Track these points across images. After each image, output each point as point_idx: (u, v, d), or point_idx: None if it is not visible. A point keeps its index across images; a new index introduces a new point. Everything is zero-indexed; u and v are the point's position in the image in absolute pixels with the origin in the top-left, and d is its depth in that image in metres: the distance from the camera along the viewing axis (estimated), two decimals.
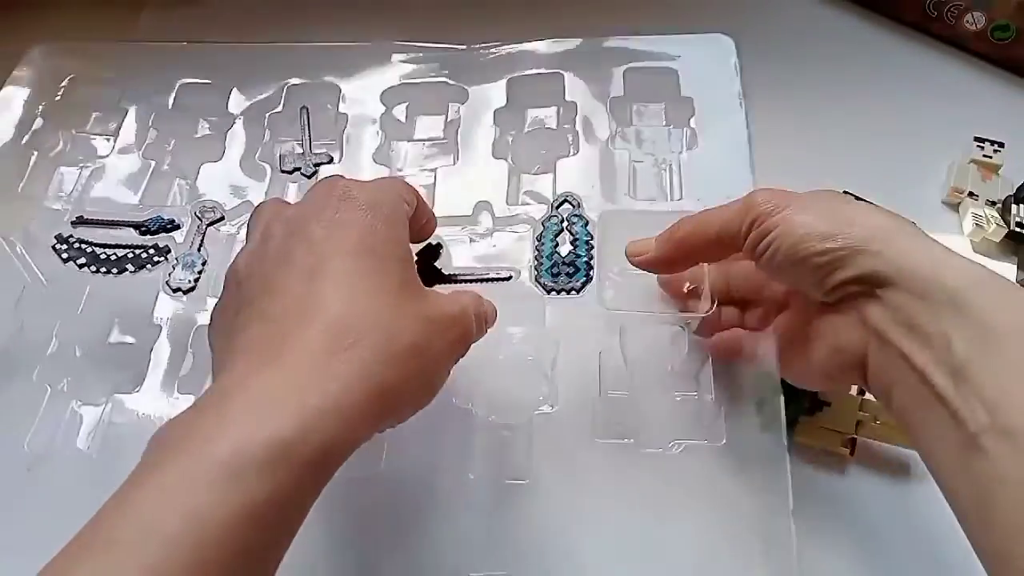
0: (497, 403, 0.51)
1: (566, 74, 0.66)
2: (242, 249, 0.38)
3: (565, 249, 0.55)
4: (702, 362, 0.51)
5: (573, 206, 0.57)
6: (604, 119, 0.64)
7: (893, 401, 0.38)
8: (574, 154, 0.62)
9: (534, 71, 0.66)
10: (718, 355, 0.51)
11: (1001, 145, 0.68)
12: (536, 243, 0.56)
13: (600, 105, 0.64)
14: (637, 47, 0.68)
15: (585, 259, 0.55)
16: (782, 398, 0.48)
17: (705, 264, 0.48)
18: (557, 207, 0.58)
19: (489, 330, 0.43)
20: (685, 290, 0.49)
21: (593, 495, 0.47)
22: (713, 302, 0.47)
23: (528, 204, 0.59)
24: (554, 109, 0.65)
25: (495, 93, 0.66)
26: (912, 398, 0.36)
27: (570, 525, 0.46)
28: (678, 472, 0.47)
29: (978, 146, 0.68)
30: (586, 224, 0.56)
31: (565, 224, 0.56)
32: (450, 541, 0.46)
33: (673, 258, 0.45)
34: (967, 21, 0.77)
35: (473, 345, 0.41)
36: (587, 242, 0.55)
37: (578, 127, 0.63)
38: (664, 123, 0.64)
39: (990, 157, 0.68)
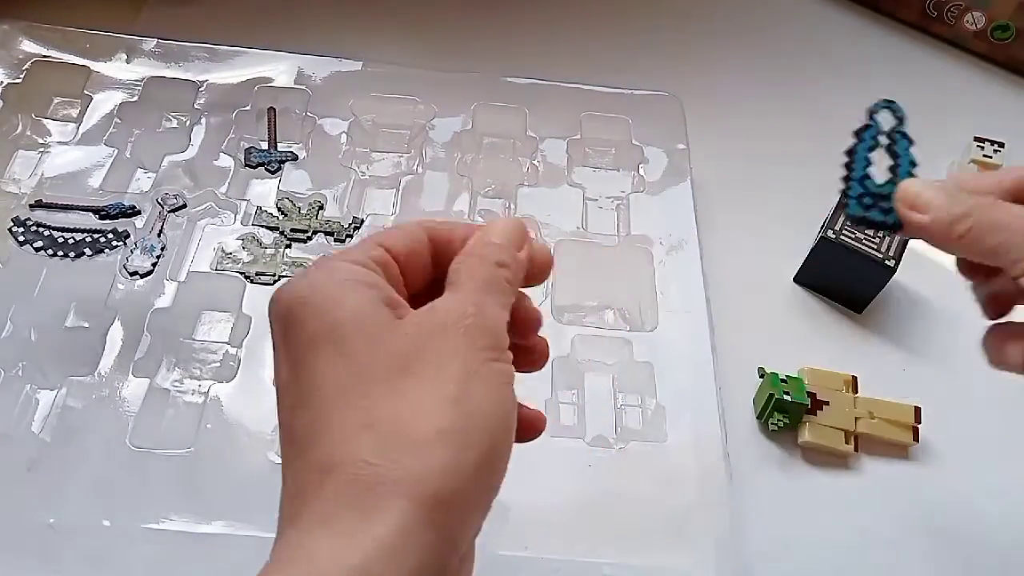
0: None
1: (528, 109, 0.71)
2: None
3: (882, 176, 0.42)
4: (647, 369, 0.57)
5: (897, 118, 0.44)
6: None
7: None
8: (531, 184, 0.67)
9: (499, 104, 0.71)
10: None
11: (1001, 145, 0.70)
12: (847, 160, 0.43)
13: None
14: (597, 95, 0.73)
15: None
16: (717, 401, 0.54)
17: None
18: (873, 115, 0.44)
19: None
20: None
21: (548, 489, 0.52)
22: None
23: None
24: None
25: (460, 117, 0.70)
26: None
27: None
28: (624, 468, 0.53)
29: (978, 146, 0.70)
30: (910, 144, 0.43)
31: (886, 140, 0.43)
32: None
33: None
34: (967, 21, 0.80)
35: None
36: (909, 171, 0.42)
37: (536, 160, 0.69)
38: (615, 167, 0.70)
39: (990, 157, 0.70)
